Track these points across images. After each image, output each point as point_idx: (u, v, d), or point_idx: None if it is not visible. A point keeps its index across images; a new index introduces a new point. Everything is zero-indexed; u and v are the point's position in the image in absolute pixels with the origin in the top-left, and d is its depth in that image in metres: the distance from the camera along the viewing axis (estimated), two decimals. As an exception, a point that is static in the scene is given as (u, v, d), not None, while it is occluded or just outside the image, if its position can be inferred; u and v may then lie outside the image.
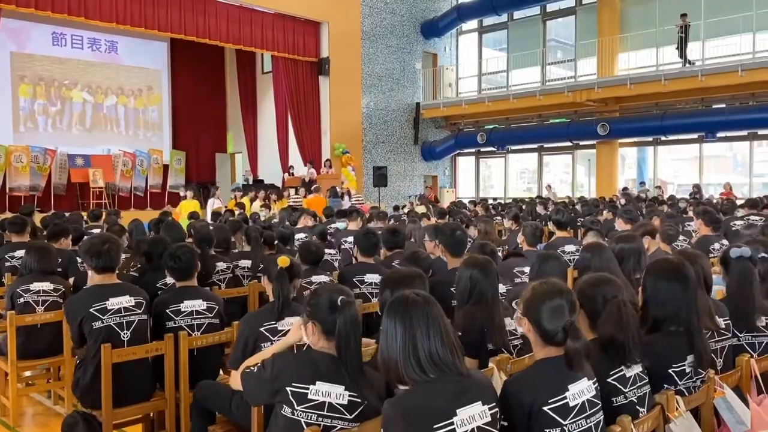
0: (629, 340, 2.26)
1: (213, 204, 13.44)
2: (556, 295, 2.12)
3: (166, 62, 18.78)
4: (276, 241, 5.64)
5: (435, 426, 1.80)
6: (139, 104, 18.22)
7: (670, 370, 2.44)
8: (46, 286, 4.32)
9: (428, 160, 21.41)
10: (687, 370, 2.46)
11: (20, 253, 5.50)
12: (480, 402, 1.91)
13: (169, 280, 4.37)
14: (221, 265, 5.05)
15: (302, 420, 2.20)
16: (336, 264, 6.14)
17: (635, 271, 3.73)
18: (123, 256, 4.37)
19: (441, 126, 21.83)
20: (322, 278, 4.20)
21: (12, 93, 15.88)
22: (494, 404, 1.96)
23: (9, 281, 5.11)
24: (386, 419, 1.85)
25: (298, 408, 2.21)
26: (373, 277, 4.62)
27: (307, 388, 2.21)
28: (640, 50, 17.86)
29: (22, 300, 4.25)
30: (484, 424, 1.90)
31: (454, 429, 1.83)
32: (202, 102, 19.61)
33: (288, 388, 2.22)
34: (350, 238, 6.70)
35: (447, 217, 8.64)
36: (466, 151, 21.91)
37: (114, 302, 3.43)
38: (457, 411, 1.85)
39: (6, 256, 5.56)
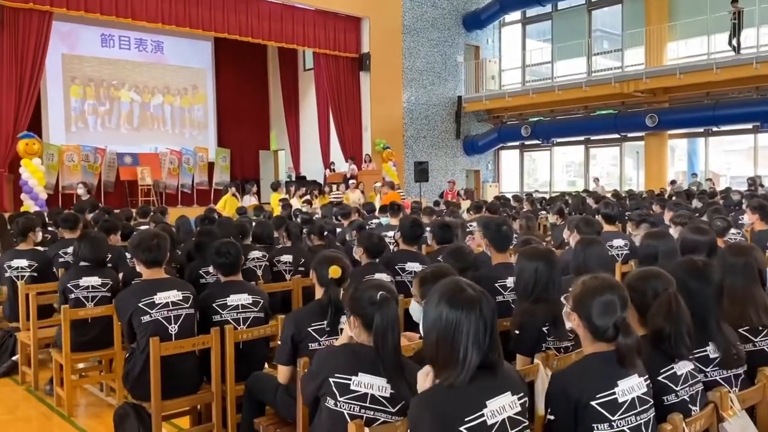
0: (680, 334, 2.20)
1: (249, 201, 13.67)
2: (607, 291, 2.07)
3: (211, 61, 19.12)
4: (326, 232, 5.70)
5: (466, 419, 1.78)
6: (184, 103, 18.61)
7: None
8: (95, 281, 4.46)
9: (470, 154, 21.25)
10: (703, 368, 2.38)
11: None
12: (509, 392, 1.88)
13: (210, 272, 4.52)
14: (256, 254, 5.16)
15: (345, 411, 2.22)
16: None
17: None
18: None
19: (483, 119, 21.64)
20: (383, 275, 4.21)
21: (64, 94, 16.43)
22: (523, 394, 1.93)
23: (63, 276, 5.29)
24: (413, 414, 1.83)
25: (341, 399, 2.23)
26: (414, 266, 4.64)
27: (350, 379, 2.23)
28: (690, 38, 17.35)
29: (72, 296, 4.40)
30: (514, 414, 1.87)
31: (485, 421, 1.80)
32: (246, 100, 19.91)
33: (331, 379, 2.25)
34: (390, 232, 6.71)
35: (483, 210, 8.56)
36: (510, 144, 21.67)
37: (162, 296, 3.51)
38: (487, 403, 1.82)
39: (60, 252, 5.76)
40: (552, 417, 2.02)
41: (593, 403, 1.98)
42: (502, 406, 1.85)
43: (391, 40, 18.38)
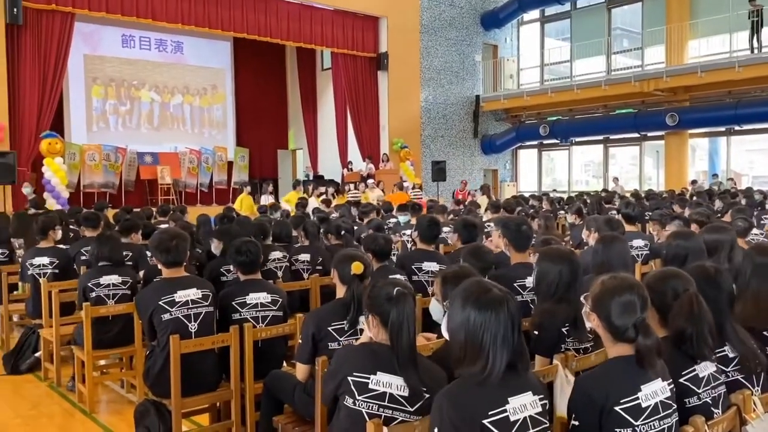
0: (702, 334, 2.18)
1: (267, 200, 13.74)
2: (627, 290, 2.05)
3: (230, 61, 19.24)
4: (343, 232, 5.71)
5: (490, 413, 1.80)
6: (204, 103, 18.74)
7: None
8: (115, 279, 4.51)
9: (488, 153, 21.17)
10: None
11: (95, 247, 5.79)
12: (530, 392, 1.90)
13: (231, 271, 4.56)
14: (276, 254, 5.17)
15: (363, 410, 2.22)
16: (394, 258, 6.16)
17: (727, 263, 3.61)
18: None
19: (501, 119, 21.54)
20: (398, 276, 4.20)
21: (85, 94, 16.63)
22: (543, 396, 1.94)
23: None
24: (437, 407, 1.84)
25: (360, 398, 2.23)
26: (431, 265, 4.62)
27: (368, 378, 2.24)
28: (711, 36, 17.12)
29: (93, 294, 4.45)
30: (535, 414, 1.88)
31: (508, 417, 1.82)
32: (265, 99, 20.00)
33: (349, 378, 2.25)
34: (408, 231, 6.72)
35: (501, 210, 8.52)
36: (528, 143, 21.55)
37: (181, 295, 3.54)
38: (509, 399, 1.84)
39: (81, 250, 5.83)
40: (576, 423, 2.01)
41: (617, 408, 1.96)
42: (524, 404, 1.87)
43: (409, 39, 18.37)
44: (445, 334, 1.92)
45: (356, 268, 2.99)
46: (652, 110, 17.70)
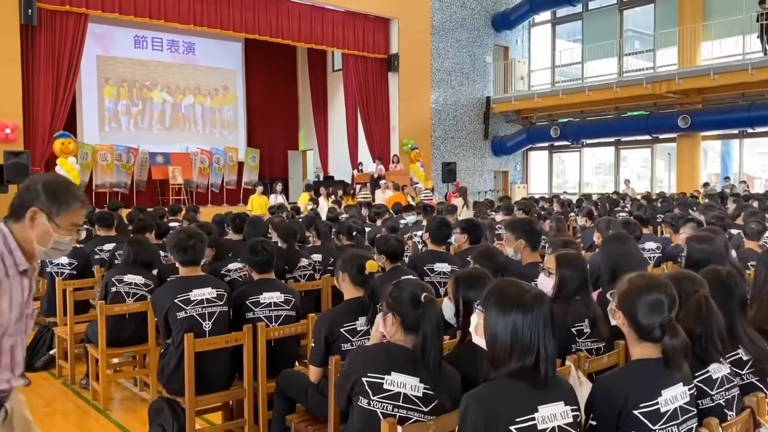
0: (711, 335, 2.19)
1: (276, 200, 13.78)
2: (654, 289, 2.06)
3: (241, 62, 19.33)
4: (355, 233, 5.73)
5: (517, 419, 1.79)
6: (215, 103, 18.84)
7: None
8: (139, 279, 4.56)
9: (499, 155, 21.15)
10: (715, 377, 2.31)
11: (108, 246, 5.84)
12: (563, 402, 1.88)
13: (233, 265, 4.62)
14: (303, 261, 5.18)
15: (378, 410, 2.24)
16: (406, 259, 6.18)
17: None
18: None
19: (512, 120, 21.51)
20: (410, 276, 4.22)
21: (98, 94, 16.76)
22: (576, 407, 1.92)
23: (99, 273, 5.42)
24: (463, 409, 1.84)
25: (374, 398, 2.25)
26: (443, 266, 4.64)
27: (383, 378, 2.25)
28: (724, 38, 17.02)
29: (114, 289, 4.50)
30: (565, 425, 1.86)
31: (536, 425, 1.81)
32: (275, 100, 20.08)
33: (364, 379, 2.26)
34: (419, 232, 6.73)
35: (514, 212, 8.51)
36: (539, 145, 21.50)
37: (197, 293, 3.58)
38: (539, 408, 1.82)
39: (95, 249, 5.90)
40: (594, 422, 2.00)
41: (636, 411, 1.95)
42: (554, 413, 1.85)
43: (420, 40, 18.39)
44: (478, 340, 1.91)
45: (371, 266, 3.02)
46: (664, 112, 17.63)
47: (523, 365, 1.84)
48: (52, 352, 5.46)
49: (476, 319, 2.23)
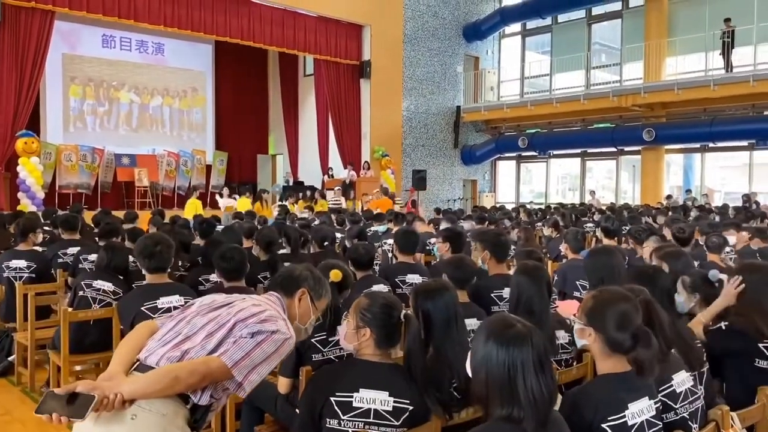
0: (665, 338, 2.24)
1: (225, 204, 13.58)
2: (622, 300, 2.09)
3: (211, 64, 19.15)
4: (326, 242, 5.70)
5: None
6: (183, 105, 18.62)
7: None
8: (108, 286, 4.43)
9: (468, 164, 21.33)
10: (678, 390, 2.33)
11: (72, 250, 5.71)
12: None
13: (213, 277, 4.53)
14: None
15: (350, 430, 2.21)
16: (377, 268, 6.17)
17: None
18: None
19: (482, 130, 21.72)
20: (381, 286, 4.21)
21: (63, 93, 16.41)
22: None
23: (62, 277, 5.29)
24: None
25: (345, 418, 2.22)
26: (415, 278, 4.64)
27: (351, 396, 2.23)
28: (688, 54, 17.48)
29: (82, 293, 4.39)
30: None
31: None
32: (245, 104, 19.94)
33: (332, 398, 2.23)
34: (389, 241, 6.73)
35: (486, 222, 8.57)
36: (507, 155, 21.74)
37: (164, 301, 3.53)
38: None
39: (59, 253, 5.76)
40: None
41: (604, 425, 1.98)
42: None
43: (392, 48, 18.46)
44: (468, 370, 1.86)
45: (335, 275, 3.00)
46: (630, 125, 17.99)
47: (510, 414, 1.73)
48: (11, 358, 5.30)
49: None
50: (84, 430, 1.84)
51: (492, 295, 3.79)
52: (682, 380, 2.31)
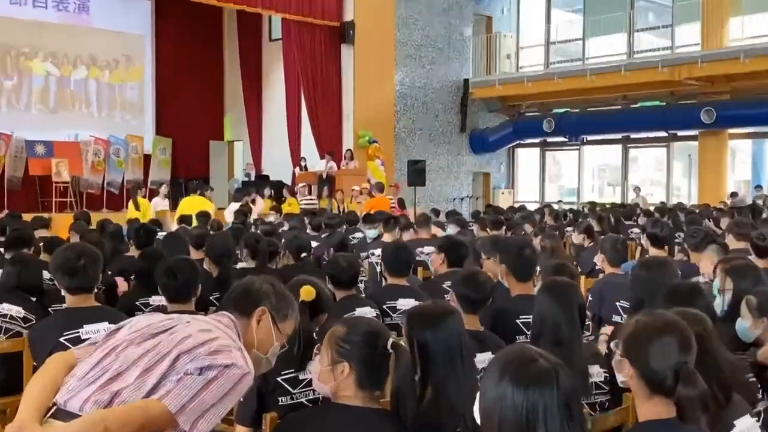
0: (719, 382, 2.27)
1: (157, 205, 13.42)
2: (667, 328, 2.12)
3: (150, 26, 19.12)
4: (303, 253, 5.70)
5: None
6: (115, 79, 18.57)
7: None
8: (16, 311, 4.31)
9: (479, 152, 21.39)
10: None
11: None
12: None
13: (154, 300, 4.52)
14: (366, 310, 5.01)
15: None
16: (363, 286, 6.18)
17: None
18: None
19: (496, 109, 21.79)
20: (366, 310, 4.20)
21: (-41, 63, 16.36)
22: None
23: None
24: None
25: None
26: (408, 302, 4.63)
27: None
28: (758, 13, 17.57)
29: (-22, 322, 4.35)
30: None
31: None
32: (194, 77, 19.87)
33: None
34: (378, 250, 6.74)
35: (503, 228, 8.59)
36: (529, 141, 21.82)
37: (89, 330, 3.49)
38: None
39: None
40: None
41: None
42: None
43: (382, 5, 18.44)
44: (476, 415, 1.86)
45: (306, 293, 2.99)
46: (684, 104, 18.10)
47: None
48: None
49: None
50: None
51: (518, 321, 3.80)
52: (747, 427, 2.33)
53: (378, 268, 6.48)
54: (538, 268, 4.79)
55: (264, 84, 20.33)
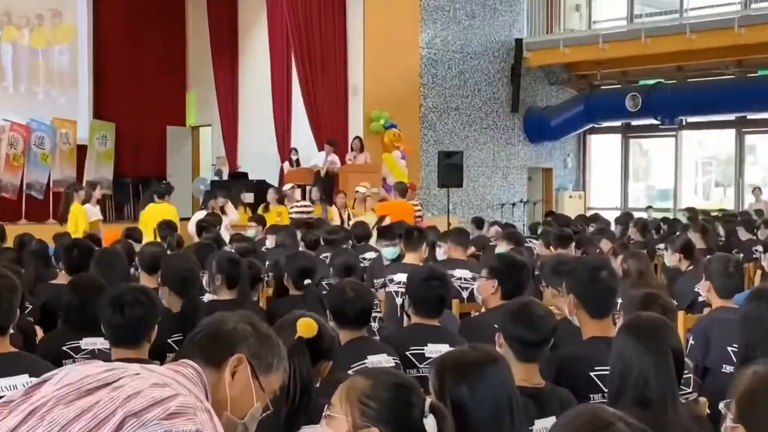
0: None
1: (90, 214, 13.47)
2: None
3: (85, -31, 19.27)
4: (308, 280, 5.68)
5: None
6: (37, 41, 18.71)
7: None
8: None
9: (536, 140, 21.36)
10: None
11: None
12: None
13: (87, 344, 4.53)
14: (382, 357, 4.90)
15: None
16: (375, 324, 6.17)
17: None
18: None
19: (560, 81, 21.77)
20: (382, 359, 4.22)
21: None
22: None
23: None
24: None
25: None
26: (440, 349, 4.62)
27: None
28: None
29: None
30: None
31: None
32: (146, 40, 19.99)
33: None
34: (401, 277, 6.71)
35: (572, 245, 8.57)
36: (606, 125, 21.76)
37: (4, 385, 3.52)
38: None
39: None
40: None
41: None
42: None
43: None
44: None
45: (304, 327, 3.00)
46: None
47: None
48: None
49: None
50: None
51: (592, 374, 3.78)
52: None
53: (398, 300, 6.48)
54: (620, 300, 4.78)
55: (240, 49, 20.45)
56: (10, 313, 3.68)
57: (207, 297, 5.83)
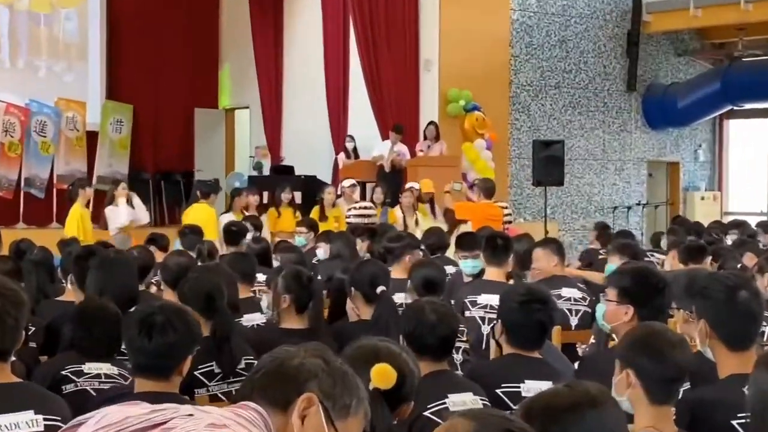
0: None
1: (118, 217, 13.59)
2: None
3: None
4: (380, 288, 5.68)
5: None
6: (39, 5, 19.02)
7: None
8: None
9: (659, 126, 21.25)
10: None
11: None
12: None
13: (90, 368, 4.64)
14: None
15: None
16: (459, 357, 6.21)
17: None
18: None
19: (690, 51, 21.64)
20: (467, 398, 4.22)
21: None
22: None
23: None
24: None
25: None
26: (541, 387, 4.66)
27: None
28: None
29: None
30: None
31: None
32: (171, 3, 20.25)
33: None
34: (486, 298, 6.74)
35: (708, 260, 8.54)
36: (748, 107, 21.58)
37: (4, 423, 3.62)
38: None
39: None
40: None
41: None
42: None
43: None
44: None
45: (379, 376, 3.03)
46: None
47: None
48: None
49: None
50: None
51: (734, 422, 3.78)
52: None
53: (485, 327, 6.50)
54: (766, 329, 4.77)
55: (286, 15, 20.65)
56: (15, 333, 3.73)
57: (246, 319, 5.91)
